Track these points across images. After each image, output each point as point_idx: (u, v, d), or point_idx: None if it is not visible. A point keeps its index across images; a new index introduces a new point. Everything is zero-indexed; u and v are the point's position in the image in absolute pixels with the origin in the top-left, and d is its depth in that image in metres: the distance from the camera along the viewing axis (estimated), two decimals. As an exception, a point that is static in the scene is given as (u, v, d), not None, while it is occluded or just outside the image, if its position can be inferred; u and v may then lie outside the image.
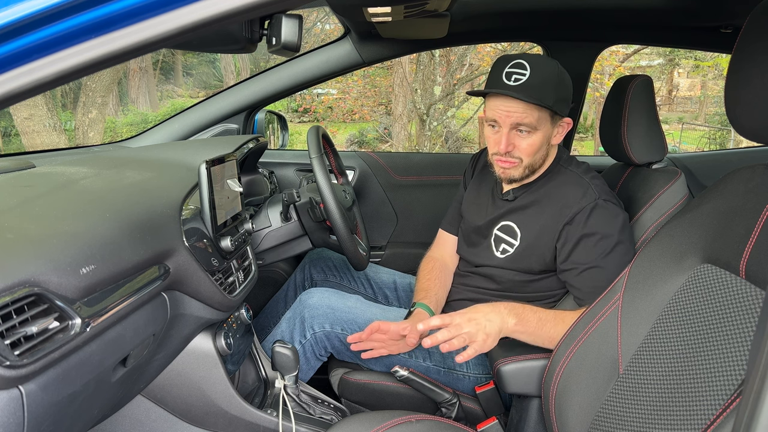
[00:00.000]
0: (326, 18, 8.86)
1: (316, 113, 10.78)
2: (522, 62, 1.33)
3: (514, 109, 1.34)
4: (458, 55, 7.49)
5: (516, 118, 1.35)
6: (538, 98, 1.31)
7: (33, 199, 0.97)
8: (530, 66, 1.32)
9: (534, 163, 1.43)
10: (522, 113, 1.34)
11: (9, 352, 0.69)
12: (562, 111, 1.38)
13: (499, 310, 1.31)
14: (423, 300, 1.55)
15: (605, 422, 0.98)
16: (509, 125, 1.36)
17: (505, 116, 1.35)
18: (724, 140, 10.53)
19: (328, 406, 1.49)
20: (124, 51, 0.57)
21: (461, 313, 1.30)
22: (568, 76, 1.40)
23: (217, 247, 1.25)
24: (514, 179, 1.46)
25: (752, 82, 0.85)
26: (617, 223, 1.36)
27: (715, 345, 0.83)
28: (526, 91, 1.31)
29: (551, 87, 1.33)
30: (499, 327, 1.29)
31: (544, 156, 1.45)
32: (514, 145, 1.38)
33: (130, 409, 1.27)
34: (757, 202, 0.85)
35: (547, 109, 1.34)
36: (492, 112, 1.39)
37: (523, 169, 1.43)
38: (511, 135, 1.38)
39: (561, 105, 1.37)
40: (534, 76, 1.32)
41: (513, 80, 1.33)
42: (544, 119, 1.37)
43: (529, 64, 1.33)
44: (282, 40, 0.75)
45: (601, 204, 1.37)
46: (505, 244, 1.50)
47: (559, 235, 1.40)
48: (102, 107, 6.16)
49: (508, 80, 1.33)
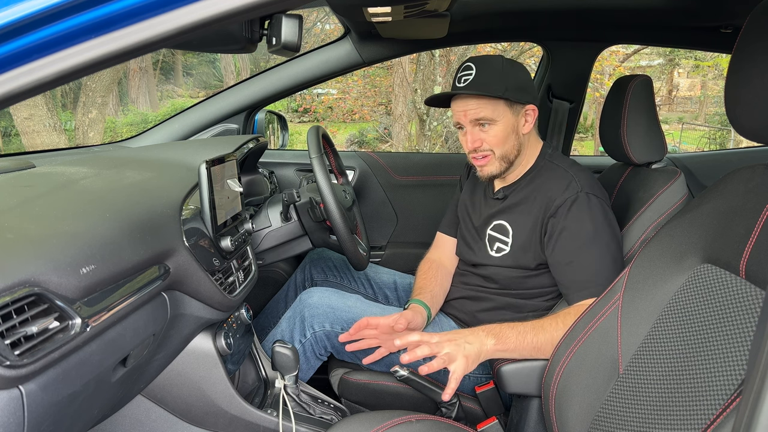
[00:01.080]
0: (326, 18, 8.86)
1: (316, 113, 10.78)
2: (469, 64, 1.44)
3: (469, 107, 1.43)
4: (458, 55, 7.49)
5: (473, 114, 1.43)
6: (484, 90, 1.40)
7: (33, 199, 0.97)
8: (476, 65, 1.42)
9: (507, 153, 1.46)
10: (476, 108, 1.42)
11: (9, 352, 0.69)
12: (519, 98, 1.43)
13: (477, 333, 1.29)
14: (418, 297, 1.56)
15: (605, 422, 0.98)
16: (470, 123, 1.45)
17: (463, 115, 1.44)
18: (724, 140, 10.53)
19: (328, 406, 1.48)
20: (124, 51, 0.57)
21: (440, 334, 1.29)
22: (520, 66, 1.48)
23: (217, 247, 1.25)
24: (494, 175, 1.49)
25: (752, 82, 0.85)
26: (598, 217, 1.37)
27: (715, 345, 0.83)
28: (472, 86, 1.40)
29: (498, 77, 1.41)
30: (478, 349, 1.26)
31: (516, 146, 1.47)
32: (480, 140, 1.45)
33: (130, 409, 1.27)
34: (757, 202, 0.85)
35: (500, 98, 1.41)
36: (455, 116, 1.48)
37: (498, 163, 1.47)
38: (475, 131, 1.45)
39: (515, 93, 1.42)
40: (479, 74, 1.41)
41: (462, 81, 1.43)
42: (501, 109, 1.43)
43: (474, 64, 1.42)
44: (282, 40, 0.75)
45: (583, 197, 1.38)
46: (500, 242, 1.51)
47: (546, 229, 1.42)
48: (102, 107, 6.16)
49: (459, 83, 1.44)
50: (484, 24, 2.06)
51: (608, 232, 1.37)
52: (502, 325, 1.32)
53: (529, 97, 1.46)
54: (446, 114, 7.76)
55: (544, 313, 1.43)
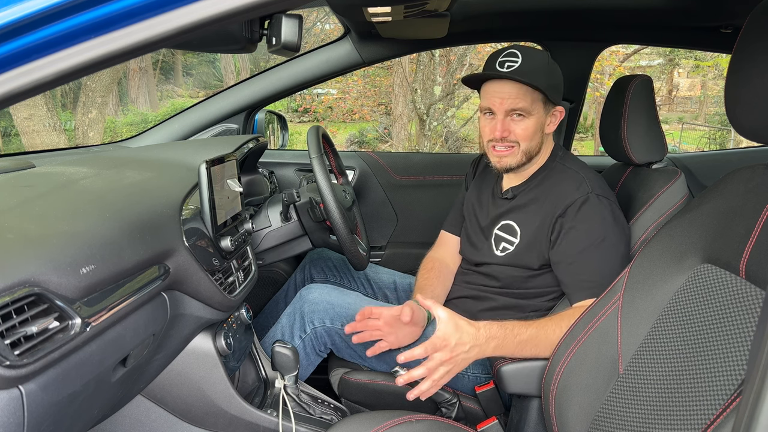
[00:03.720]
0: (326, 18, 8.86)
1: (316, 113, 10.78)
2: (514, 51, 1.40)
3: (508, 94, 1.39)
4: (458, 55, 7.49)
5: (510, 103, 1.40)
6: (531, 80, 1.36)
7: (33, 199, 0.97)
8: (522, 54, 1.38)
9: (530, 149, 1.45)
10: (515, 97, 1.39)
11: (9, 352, 0.69)
12: (554, 98, 1.43)
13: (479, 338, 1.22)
14: (419, 296, 1.55)
15: (605, 422, 0.97)
16: (504, 111, 1.41)
17: (500, 102, 1.41)
18: (724, 140, 10.53)
19: (328, 406, 1.48)
20: (124, 51, 0.57)
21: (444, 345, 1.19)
22: (558, 67, 1.46)
23: (217, 247, 1.25)
24: (511, 168, 1.47)
25: (752, 82, 0.85)
26: (607, 218, 1.36)
27: (715, 345, 0.83)
28: (520, 74, 1.37)
29: (543, 72, 1.39)
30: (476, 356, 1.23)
31: (539, 143, 1.46)
32: (509, 130, 1.42)
33: (130, 409, 1.27)
34: (757, 202, 0.85)
35: (540, 92, 1.39)
36: (487, 100, 1.44)
37: (520, 156, 1.45)
38: (506, 121, 1.42)
39: (553, 92, 1.41)
40: (525, 63, 1.37)
41: (506, 67, 1.39)
42: (538, 104, 1.41)
43: (520, 53, 1.39)
44: (282, 40, 0.75)
45: (593, 198, 1.38)
46: (506, 242, 1.51)
47: (553, 228, 1.41)
48: (102, 107, 6.16)
49: (501, 68, 1.39)
50: (484, 24, 2.06)
51: (617, 233, 1.37)
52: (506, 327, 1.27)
53: (560, 99, 1.47)
54: (446, 114, 7.76)
55: (545, 313, 1.43)
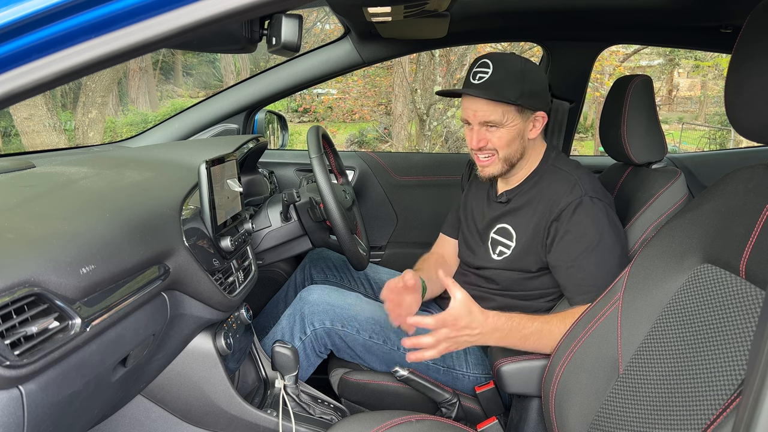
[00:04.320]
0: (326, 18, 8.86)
1: (316, 113, 10.77)
2: (486, 61, 1.39)
3: (478, 108, 1.39)
4: (458, 55, 7.49)
5: (481, 116, 1.40)
6: (497, 95, 1.35)
7: (33, 199, 0.97)
8: (493, 64, 1.37)
9: (510, 156, 1.44)
10: (485, 111, 1.39)
11: (9, 352, 0.69)
12: (531, 105, 1.41)
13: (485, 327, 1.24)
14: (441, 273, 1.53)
15: (605, 422, 0.97)
16: (477, 123, 1.42)
17: (472, 115, 1.42)
18: (724, 140, 10.53)
19: (328, 406, 1.49)
20: (124, 51, 0.57)
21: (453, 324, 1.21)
22: (538, 70, 1.43)
23: (217, 247, 1.25)
24: (494, 175, 1.47)
25: (752, 82, 0.85)
26: (602, 220, 1.36)
27: (715, 345, 0.83)
28: (487, 87, 1.36)
29: (513, 82, 1.37)
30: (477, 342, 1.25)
31: (520, 150, 1.45)
32: (486, 140, 1.43)
33: (130, 409, 1.27)
34: (757, 202, 0.85)
35: (511, 104, 1.37)
36: (462, 113, 1.45)
37: (501, 164, 1.45)
38: (481, 131, 1.42)
39: (528, 99, 1.39)
40: (495, 73, 1.36)
41: (477, 79, 1.39)
42: (510, 114, 1.40)
43: (492, 62, 1.37)
44: (282, 40, 0.75)
45: (587, 201, 1.37)
46: (502, 246, 1.51)
47: (548, 232, 1.41)
48: (102, 107, 6.16)
49: (473, 79, 1.39)
50: (484, 24, 2.06)
51: (612, 235, 1.36)
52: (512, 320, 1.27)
53: (541, 103, 1.43)
54: (446, 114, 7.76)
55: (545, 313, 1.43)
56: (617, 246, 1.37)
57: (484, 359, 1.53)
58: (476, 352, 1.54)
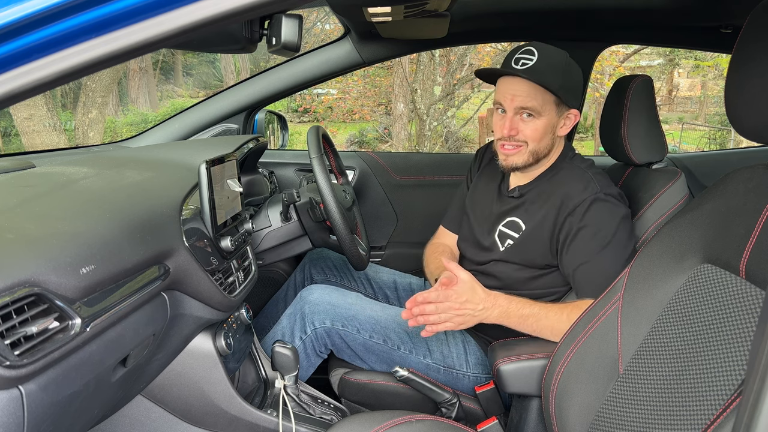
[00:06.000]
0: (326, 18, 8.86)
1: (316, 113, 10.77)
2: (531, 48, 1.38)
3: (519, 92, 1.38)
4: (458, 55, 7.49)
5: (520, 101, 1.38)
6: (542, 81, 1.35)
7: (33, 199, 0.97)
8: (538, 52, 1.37)
9: (539, 150, 1.44)
10: (526, 96, 1.38)
11: (9, 352, 0.69)
12: (568, 100, 1.40)
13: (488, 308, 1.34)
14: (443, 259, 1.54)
15: (605, 422, 0.97)
16: (513, 109, 1.40)
17: (510, 99, 1.39)
18: (724, 140, 10.53)
19: (328, 406, 1.49)
20: (125, 51, 0.57)
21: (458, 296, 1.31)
22: (577, 68, 1.43)
23: (217, 247, 1.25)
24: (517, 167, 1.46)
25: (752, 82, 0.85)
26: (616, 218, 1.36)
27: (715, 345, 0.83)
28: (532, 73, 1.35)
29: (557, 73, 1.37)
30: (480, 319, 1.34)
31: (549, 146, 1.45)
32: (517, 129, 1.41)
33: (130, 409, 1.27)
34: (757, 202, 0.85)
35: (552, 94, 1.37)
36: (499, 95, 1.43)
37: (527, 156, 1.44)
38: (515, 119, 1.41)
39: (567, 94, 1.39)
40: (541, 61, 1.35)
41: (521, 64, 1.37)
42: (549, 105, 1.39)
43: (537, 50, 1.37)
44: (282, 40, 0.75)
45: (602, 198, 1.37)
46: (509, 238, 1.51)
47: (561, 227, 1.40)
48: (102, 107, 6.16)
49: (516, 64, 1.38)
50: (484, 24, 2.06)
51: (625, 233, 1.37)
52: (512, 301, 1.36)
53: (576, 102, 1.44)
54: (446, 114, 7.76)
55: None
56: (630, 243, 1.37)
57: (484, 359, 1.52)
58: (476, 352, 1.54)
